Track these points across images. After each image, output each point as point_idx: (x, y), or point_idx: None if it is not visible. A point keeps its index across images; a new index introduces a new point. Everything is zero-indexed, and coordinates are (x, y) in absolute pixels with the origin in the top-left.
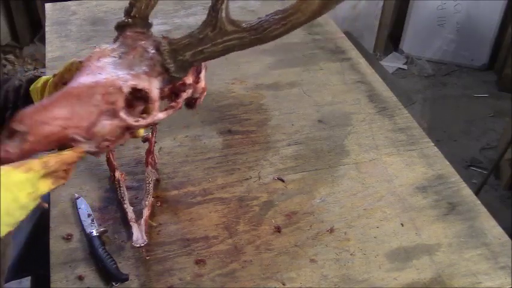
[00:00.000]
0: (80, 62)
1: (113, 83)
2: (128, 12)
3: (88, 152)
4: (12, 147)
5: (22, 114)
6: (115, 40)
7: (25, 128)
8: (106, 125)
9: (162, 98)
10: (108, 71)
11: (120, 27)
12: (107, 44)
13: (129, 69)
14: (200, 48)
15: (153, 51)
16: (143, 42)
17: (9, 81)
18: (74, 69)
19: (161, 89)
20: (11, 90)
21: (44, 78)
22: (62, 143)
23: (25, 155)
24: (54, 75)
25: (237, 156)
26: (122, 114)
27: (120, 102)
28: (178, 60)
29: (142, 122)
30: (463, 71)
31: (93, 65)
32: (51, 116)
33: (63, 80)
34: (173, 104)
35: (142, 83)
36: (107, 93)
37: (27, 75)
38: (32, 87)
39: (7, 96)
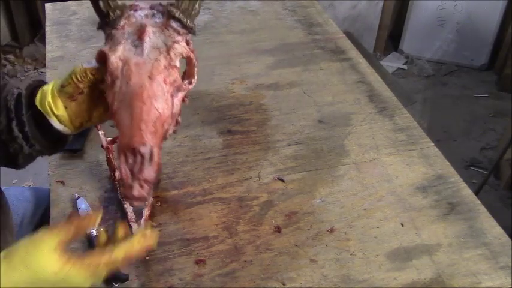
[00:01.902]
0: (93, 70)
1: (163, 65)
2: (103, 8)
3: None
4: (149, 167)
5: (132, 137)
6: (109, 38)
7: (150, 146)
8: (177, 101)
9: None
10: (144, 61)
11: (112, 23)
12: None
13: (157, 49)
14: None
15: (163, 21)
16: (145, 21)
17: (5, 88)
18: (89, 77)
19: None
20: (10, 99)
21: (48, 89)
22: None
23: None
24: (63, 86)
25: (237, 156)
26: (184, 85)
27: (179, 76)
28: (193, 15)
29: (194, 81)
30: (463, 71)
31: (127, 67)
32: (153, 122)
33: (78, 90)
34: (191, 48)
35: (182, 51)
36: (167, 77)
37: (24, 82)
38: (38, 102)
39: (8, 106)
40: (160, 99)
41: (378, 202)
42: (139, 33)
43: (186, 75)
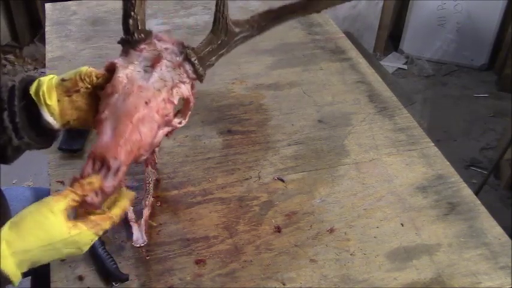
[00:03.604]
0: (97, 75)
1: (162, 98)
2: (131, 27)
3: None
4: (110, 182)
5: (107, 149)
6: (125, 54)
7: (119, 162)
8: (161, 134)
9: None
10: (148, 87)
11: (133, 43)
12: (116, 58)
13: (163, 81)
14: (220, 52)
15: (179, 60)
16: (163, 54)
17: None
18: (93, 79)
19: None
20: (4, 91)
21: (46, 80)
22: (134, 162)
23: (120, 185)
24: (63, 80)
25: (237, 156)
26: (174, 122)
27: (172, 113)
28: (207, 65)
29: (184, 122)
30: (463, 71)
31: (130, 86)
32: (131, 143)
33: (76, 87)
34: (194, 92)
35: (184, 92)
36: (161, 109)
37: (18, 76)
38: (33, 90)
39: (0, 97)
40: (147, 126)
41: (377, 202)
42: (154, 62)
43: (180, 113)
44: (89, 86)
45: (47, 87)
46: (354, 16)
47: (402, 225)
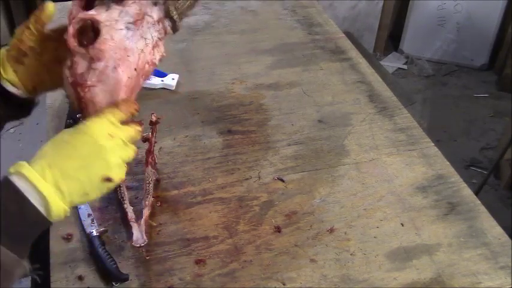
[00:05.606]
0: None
1: (146, 60)
2: None
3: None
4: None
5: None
6: (104, 8)
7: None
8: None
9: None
10: (133, 49)
11: None
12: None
13: (143, 40)
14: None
15: (159, 15)
16: (145, 8)
17: None
18: (34, 37)
19: None
20: None
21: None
22: None
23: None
24: (8, 50)
25: (237, 156)
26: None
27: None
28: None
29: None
30: (463, 71)
31: (118, 50)
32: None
33: (21, 52)
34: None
35: (163, 50)
36: (145, 73)
37: None
38: None
39: None
40: (133, 91)
41: (377, 202)
42: (136, 18)
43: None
44: (32, 45)
45: (1, 62)
46: (354, 16)
47: (402, 225)
